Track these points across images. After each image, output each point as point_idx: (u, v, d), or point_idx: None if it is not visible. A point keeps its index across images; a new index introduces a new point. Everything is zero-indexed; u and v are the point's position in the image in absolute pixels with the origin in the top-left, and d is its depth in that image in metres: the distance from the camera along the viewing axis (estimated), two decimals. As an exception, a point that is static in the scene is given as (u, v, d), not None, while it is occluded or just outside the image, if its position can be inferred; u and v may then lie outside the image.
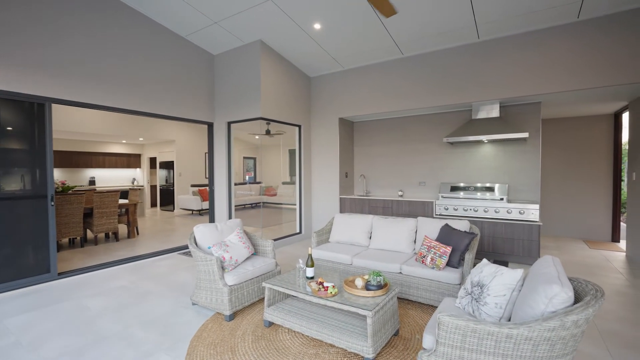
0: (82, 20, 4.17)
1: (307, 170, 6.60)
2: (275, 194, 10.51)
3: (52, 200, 3.99)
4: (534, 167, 4.99)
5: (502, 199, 4.92)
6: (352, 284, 2.65)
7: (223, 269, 3.06)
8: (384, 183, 6.45)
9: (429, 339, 1.86)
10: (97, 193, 5.87)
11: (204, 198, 9.88)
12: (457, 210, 5.08)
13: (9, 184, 3.73)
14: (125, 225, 6.52)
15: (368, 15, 4.40)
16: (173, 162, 10.51)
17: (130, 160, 11.86)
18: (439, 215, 5.23)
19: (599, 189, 6.23)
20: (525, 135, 4.55)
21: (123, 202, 6.72)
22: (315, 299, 2.46)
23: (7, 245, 3.68)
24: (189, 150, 10.70)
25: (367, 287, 2.51)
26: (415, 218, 4.00)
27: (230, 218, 5.92)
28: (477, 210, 4.92)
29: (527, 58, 4.47)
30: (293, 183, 6.83)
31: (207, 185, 10.56)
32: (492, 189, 5.16)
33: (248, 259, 3.38)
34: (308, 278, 2.84)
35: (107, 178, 11.36)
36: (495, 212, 4.78)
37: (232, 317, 2.92)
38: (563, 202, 6.54)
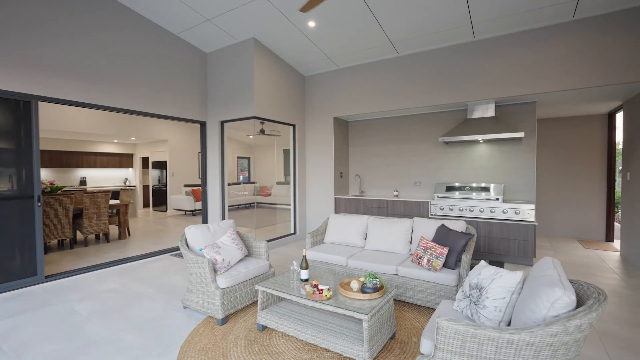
0: (70, 17, 4.06)
1: (301, 170, 6.53)
2: (270, 194, 10.43)
3: (38, 201, 3.87)
4: (529, 167, 4.98)
5: (497, 199, 4.90)
6: (347, 287, 2.59)
7: (215, 272, 2.99)
8: (379, 183, 6.41)
9: (427, 344, 1.80)
10: (87, 193, 5.74)
11: (197, 198, 9.76)
12: (452, 211, 5.05)
13: (-7, 185, 3.61)
14: (117, 226, 6.39)
15: (363, 14, 4.34)
16: (166, 162, 10.37)
17: (122, 160, 11.68)
18: (435, 216, 5.20)
19: (593, 189, 6.26)
20: (521, 135, 4.53)
21: (114, 202, 6.58)
22: (310, 302, 2.40)
23: (-9, 248, 3.57)
24: (182, 150, 10.57)
25: (362, 289, 2.45)
26: (411, 218, 3.96)
27: (224, 219, 5.83)
28: (472, 211, 4.89)
29: (522, 57, 4.46)
30: (287, 183, 6.76)
31: (200, 186, 10.44)
32: (487, 189, 5.14)
33: (241, 261, 3.30)
34: (302, 280, 2.78)
35: (98, 178, 11.17)
36: (491, 212, 4.76)
37: (224, 320, 2.84)
38: (557, 201, 6.56)
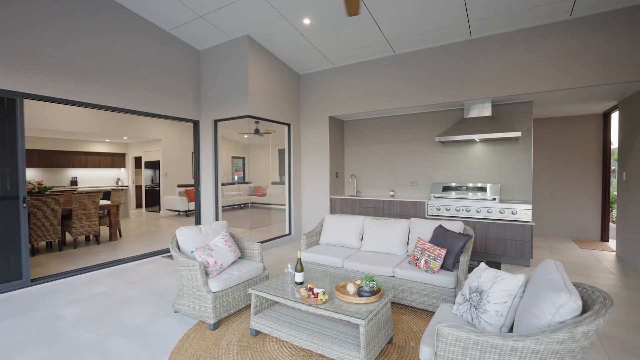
0: (56, 13, 3.93)
1: (296, 170, 6.44)
2: (265, 194, 10.33)
3: (24, 202, 3.74)
4: (526, 166, 4.94)
5: (494, 199, 4.86)
6: (343, 290, 2.51)
7: (207, 275, 2.89)
8: (375, 183, 6.35)
9: (427, 351, 1.73)
10: (76, 194, 5.59)
11: (191, 199, 9.62)
12: (449, 211, 5.01)
13: (-24, 185, 3.48)
14: (107, 228, 6.26)
15: (360, 12, 4.27)
16: (159, 161, 10.22)
17: (115, 160, 11.49)
18: (431, 216, 5.15)
19: (588, 189, 6.26)
20: (518, 135, 4.50)
21: (105, 203, 6.44)
22: (305, 307, 2.32)
23: (-27, 251, 3.43)
24: (176, 150, 10.42)
25: (359, 293, 2.38)
26: (408, 219, 3.90)
27: (217, 219, 5.72)
28: (469, 211, 4.85)
29: (519, 56, 4.42)
30: (283, 183, 6.67)
31: (193, 186, 10.32)
32: (484, 189, 5.10)
33: (234, 264, 3.21)
34: (297, 283, 2.69)
35: (90, 178, 10.98)
36: (488, 212, 4.72)
37: (216, 325, 2.75)
38: (552, 201, 6.55)
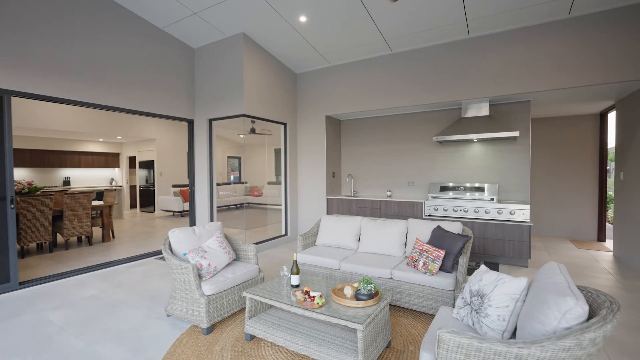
0: (46, 7, 3.82)
1: (293, 170, 6.37)
2: (261, 194, 10.23)
3: (12, 203, 3.64)
4: (524, 166, 4.91)
5: (492, 199, 4.82)
6: (340, 293, 2.45)
7: (200, 277, 2.81)
8: (372, 183, 6.29)
9: (427, 357, 1.67)
10: (67, 194, 5.48)
11: (186, 199, 9.51)
12: (446, 211, 4.96)
13: (-39, 185, 3.37)
14: (100, 229, 6.14)
15: (356, 9, 4.21)
16: (153, 161, 10.09)
17: (108, 160, 11.33)
18: (429, 216, 5.10)
19: (585, 189, 6.25)
20: (516, 134, 4.46)
21: (97, 203, 6.32)
22: (301, 311, 2.25)
23: (-42, 253, 3.32)
24: (170, 149, 10.30)
25: (357, 296, 2.31)
26: (406, 220, 3.85)
27: (212, 220, 5.63)
28: (467, 211, 4.81)
29: (518, 55, 4.38)
30: (279, 183, 6.59)
31: (188, 186, 10.19)
32: (481, 189, 5.06)
33: (228, 266, 3.13)
34: (293, 286, 2.62)
35: (83, 178, 10.81)
36: (486, 212, 4.68)
37: (209, 330, 2.67)
38: (549, 201, 6.54)
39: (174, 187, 10.13)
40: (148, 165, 10.41)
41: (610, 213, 7.03)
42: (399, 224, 3.68)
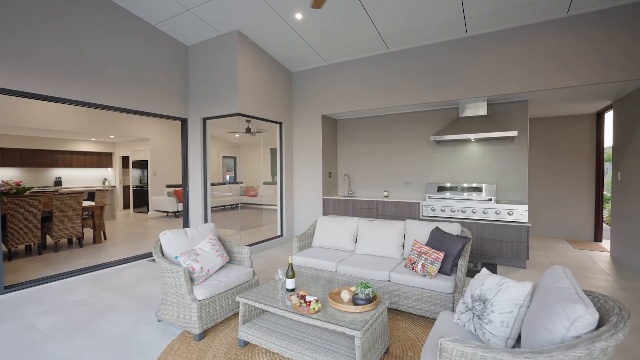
0: (27, 2, 3.69)
1: (288, 170, 6.28)
2: (256, 195, 10.13)
3: (-3, 204, 3.51)
4: (522, 166, 4.87)
5: (490, 200, 4.78)
6: (337, 297, 2.37)
7: (192, 281, 2.72)
8: (369, 183, 6.22)
9: (428, 366, 1.60)
10: (57, 195, 5.34)
11: (180, 199, 9.38)
12: (444, 212, 4.91)
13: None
14: (92, 230, 6.01)
15: (353, 6, 4.13)
16: (147, 161, 9.94)
17: (101, 160, 11.16)
18: (426, 217, 5.04)
19: (582, 189, 6.23)
20: (514, 134, 4.41)
21: (89, 204, 6.18)
22: (296, 316, 2.17)
23: (-60, 257, 3.19)
24: (164, 149, 10.15)
25: (354, 300, 2.24)
26: (403, 221, 3.78)
27: (206, 221, 5.52)
28: (464, 212, 4.75)
29: (516, 54, 4.33)
30: (275, 183, 6.50)
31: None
32: (479, 189, 5.01)
33: (222, 269, 3.04)
34: (288, 290, 2.54)
35: (75, 178, 10.62)
36: (484, 213, 4.63)
37: (202, 336, 2.58)
38: (546, 201, 6.51)
39: (168, 187, 9.99)
40: (142, 165, 10.25)
41: (606, 213, 7.04)
42: (397, 225, 3.61)
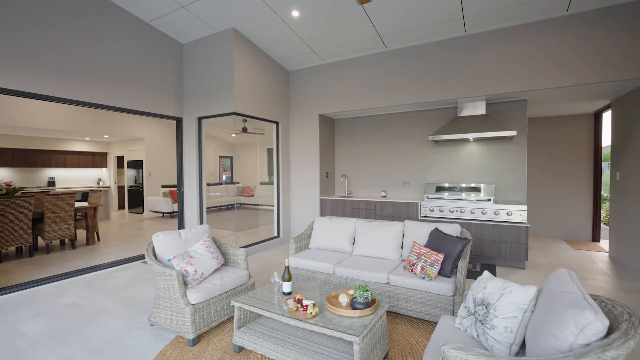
0: (34, 2, 3.60)
1: (285, 170, 6.21)
2: (253, 195, 10.05)
3: (-16, 205, 3.41)
4: (520, 166, 4.83)
5: (489, 200, 4.73)
6: (335, 301, 2.30)
7: (186, 285, 2.64)
8: (367, 183, 6.17)
9: (430, 375, 1.54)
10: (49, 196, 5.23)
11: (176, 200, 9.27)
12: (442, 212, 4.86)
13: None
14: (85, 231, 5.91)
15: (350, 4, 4.07)
16: (142, 161, 9.82)
17: (95, 159, 11.03)
18: (424, 217, 4.99)
19: (580, 189, 6.21)
20: (513, 134, 4.37)
21: (81, 205, 6.08)
22: (293, 321, 2.10)
23: None
24: (160, 149, 10.04)
25: (352, 304, 2.17)
26: (402, 221, 3.73)
27: (202, 222, 5.44)
28: (463, 212, 4.71)
29: (515, 53, 4.29)
30: (271, 183, 6.43)
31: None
32: (478, 190, 4.97)
33: (216, 271, 2.97)
34: (285, 294, 2.47)
35: (69, 178, 10.49)
36: (482, 213, 4.59)
37: (195, 341, 2.51)
38: (544, 201, 6.49)
39: (164, 187, 9.88)
40: (137, 165, 10.14)
41: (603, 213, 7.03)
42: (395, 226, 3.56)
